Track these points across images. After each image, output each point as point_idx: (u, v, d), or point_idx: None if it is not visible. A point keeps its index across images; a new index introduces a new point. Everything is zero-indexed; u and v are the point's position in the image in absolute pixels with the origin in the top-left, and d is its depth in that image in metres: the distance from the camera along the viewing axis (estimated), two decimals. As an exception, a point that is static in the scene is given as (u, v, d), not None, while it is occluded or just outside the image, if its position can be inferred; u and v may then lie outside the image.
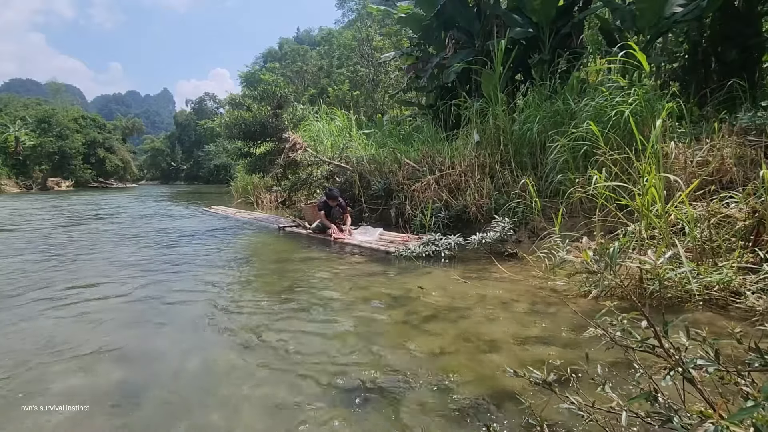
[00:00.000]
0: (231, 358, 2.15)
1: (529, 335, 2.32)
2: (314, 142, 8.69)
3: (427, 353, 2.15)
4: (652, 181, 3.04)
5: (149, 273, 4.01)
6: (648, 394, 0.95)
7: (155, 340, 2.42)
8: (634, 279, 2.76)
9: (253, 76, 29.75)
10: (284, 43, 45.51)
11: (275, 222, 7.55)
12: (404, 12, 8.56)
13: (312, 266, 4.28)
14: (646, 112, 4.23)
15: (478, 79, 6.98)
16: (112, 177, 40.14)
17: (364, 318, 2.69)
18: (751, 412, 0.71)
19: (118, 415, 1.67)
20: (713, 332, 2.10)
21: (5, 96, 47.34)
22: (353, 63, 23.75)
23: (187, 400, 1.78)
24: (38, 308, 2.95)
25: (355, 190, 6.90)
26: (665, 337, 0.97)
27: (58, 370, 2.04)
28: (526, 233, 4.77)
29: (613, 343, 1.07)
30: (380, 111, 16.87)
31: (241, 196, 12.34)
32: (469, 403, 1.68)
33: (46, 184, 30.71)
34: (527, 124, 5.44)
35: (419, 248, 4.48)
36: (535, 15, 6.49)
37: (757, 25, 5.34)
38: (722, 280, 2.58)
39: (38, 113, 34.99)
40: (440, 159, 6.03)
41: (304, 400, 1.73)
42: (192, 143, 53.52)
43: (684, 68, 6.04)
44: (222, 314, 2.80)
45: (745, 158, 3.71)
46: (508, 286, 3.32)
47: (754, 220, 2.84)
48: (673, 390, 1.05)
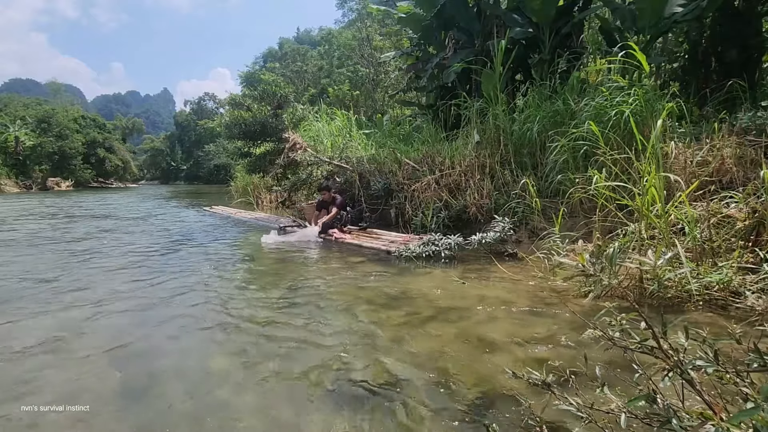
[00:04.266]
0: (231, 359, 2.15)
1: (528, 335, 2.32)
2: (314, 142, 8.70)
3: (427, 353, 2.15)
4: (652, 181, 3.04)
5: (149, 273, 4.01)
6: (647, 396, 0.95)
7: (155, 341, 2.42)
8: (633, 279, 2.76)
9: (253, 76, 29.72)
10: (284, 43, 45.45)
11: (275, 222, 7.55)
12: (404, 12, 8.55)
13: (312, 266, 4.28)
14: (646, 112, 4.22)
15: (478, 79, 6.98)
16: (112, 177, 40.14)
17: (364, 318, 2.69)
18: (752, 413, 0.71)
19: (118, 415, 1.67)
20: (713, 332, 2.10)
21: (5, 96, 47.38)
22: (353, 63, 23.75)
23: (186, 401, 1.78)
24: (38, 308, 2.95)
25: (355, 190, 6.90)
26: (664, 338, 0.97)
27: (58, 370, 2.04)
28: (526, 233, 4.77)
29: (611, 344, 1.07)
30: (380, 111, 16.85)
31: (241, 196, 12.33)
32: (470, 403, 1.68)
33: (45, 184, 30.70)
34: (527, 124, 5.44)
35: (419, 248, 4.48)
36: (535, 15, 6.48)
37: (757, 25, 5.34)
38: (722, 280, 2.58)
39: (38, 113, 34.97)
40: (440, 159, 6.03)
41: (304, 401, 1.73)
42: (192, 143, 53.54)
43: (684, 68, 6.03)
44: (222, 314, 2.80)
45: (745, 158, 3.71)
46: (508, 286, 3.32)
47: (754, 220, 2.84)
48: (672, 391, 1.05)
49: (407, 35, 13.92)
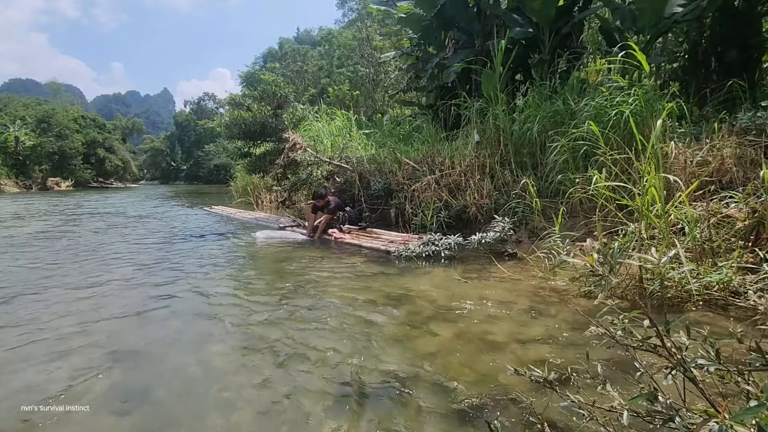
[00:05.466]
0: (230, 359, 2.15)
1: (529, 335, 2.32)
2: (314, 142, 8.69)
3: (427, 353, 2.14)
4: (652, 181, 3.04)
5: (148, 273, 4.00)
6: (649, 394, 0.94)
7: (155, 341, 2.41)
8: (634, 279, 2.75)
9: (253, 76, 29.69)
10: (284, 43, 45.42)
11: (275, 222, 7.54)
12: (404, 12, 8.56)
13: (312, 266, 4.28)
14: (646, 112, 4.22)
15: (478, 79, 6.98)
16: (112, 177, 40.14)
17: (364, 318, 2.69)
18: (756, 411, 0.71)
19: (118, 415, 1.67)
20: (713, 332, 2.09)
21: (5, 96, 47.35)
22: (353, 63, 23.75)
23: (186, 401, 1.77)
24: (37, 308, 2.95)
25: (355, 190, 6.89)
26: (667, 336, 0.97)
27: (58, 370, 2.03)
28: (526, 233, 4.77)
29: (613, 342, 1.07)
30: (380, 111, 16.85)
31: (241, 196, 12.33)
32: (470, 402, 1.68)
33: (45, 184, 30.69)
34: (527, 124, 5.43)
35: (419, 248, 4.48)
36: (535, 15, 6.49)
37: (757, 25, 5.34)
38: (722, 280, 2.58)
39: (38, 113, 34.96)
40: (440, 159, 6.03)
41: (303, 401, 1.73)
42: (192, 143, 53.53)
43: (684, 68, 6.03)
44: (221, 314, 2.79)
45: (745, 158, 3.71)
46: (508, 286, 3.31)
47: (754, 220, 2.84)
48: (673, 389, 1.05)
49: (407, 35, 13.92)
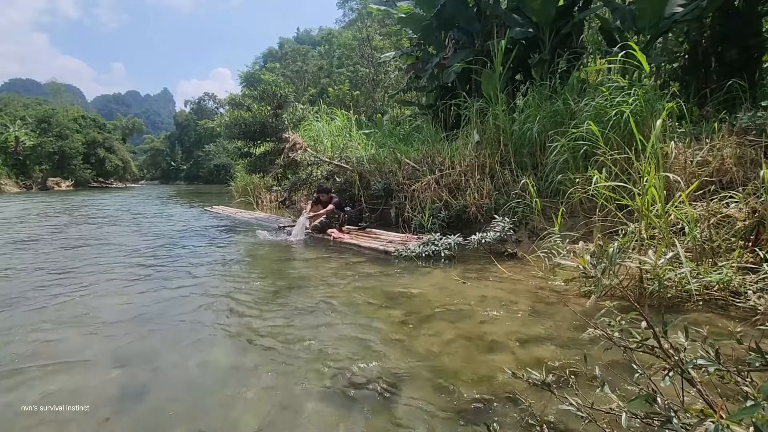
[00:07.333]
0: (230, 359, 2.15)
1: (528, 335, 2.32)
2: (314, 142, 8.70)
3: (426, 353, 2.14)
4: (651, 181, 3.04)
5: (149, 273, 4.00)
6: (647, 396, 0.94)
7: (155, 341, 2.42)
8: (633, 279, 2.75)
9: (253, 76, 29.71)
10: (284, 43, 45.45)
11: (275, 222, 7.55)
12: (404, 12, 8.56)
13: (311, 266, 4.28)
14: (646, 112, 4.22)
15: (478, 79, 6.98)
16: (112, 177, 40.14)
17: (364, 318, 2.69)
18: (752, 411, 0.71)
19: (118, 415, 1.67)
20: (713, 332, 2.10)
21: (5, 96, 47.40)
22: (353, 63, 23.78)
23: (186, 401, 1.77)
24: (37, 308, 2.95)
25: (355, 190, 6.90)
26: (664, 337, 0.97)
27: (58, 370, 2.03)
28: (526, 233, 4.77)
29: (611, 343, 1.07)
30: (380, 111, 16.87)
31: (241, 195, 12.34)
32: (469, 403, 1.68)
33: (46, 184, 30.69)
34: (527, 124, 5.43)
35: (419, 248, 4.48)
36: (535, 15, 6.49)
37: (757, 25, 5.34)
38: (722, 280, 2.58)
39: (38, 113, 34.97)
40: (440, 159, 6.03)
41: (303, 401, 1.73)
42: (192, 143, 53.54)
43: (684, 68, 6.03)
44: (221, 314, 2.80)
45: (745, 158, 3.71)
46: (508, 286, 3.31)
47: (754, 220, 2.84)
48: (672, 390, 1.05)
49: (407, 35, 13.93)
